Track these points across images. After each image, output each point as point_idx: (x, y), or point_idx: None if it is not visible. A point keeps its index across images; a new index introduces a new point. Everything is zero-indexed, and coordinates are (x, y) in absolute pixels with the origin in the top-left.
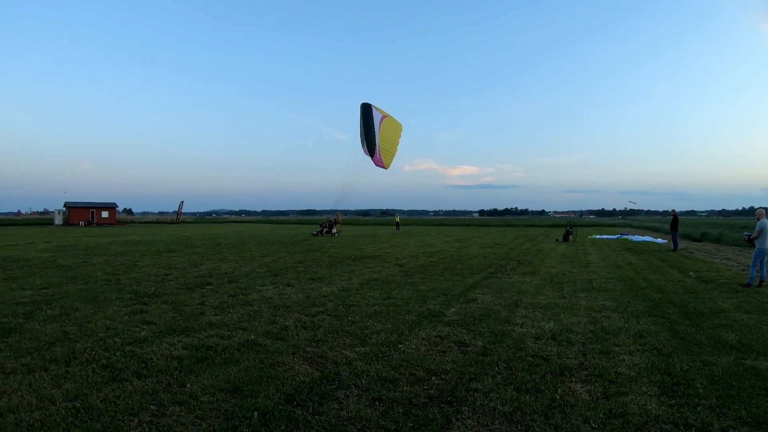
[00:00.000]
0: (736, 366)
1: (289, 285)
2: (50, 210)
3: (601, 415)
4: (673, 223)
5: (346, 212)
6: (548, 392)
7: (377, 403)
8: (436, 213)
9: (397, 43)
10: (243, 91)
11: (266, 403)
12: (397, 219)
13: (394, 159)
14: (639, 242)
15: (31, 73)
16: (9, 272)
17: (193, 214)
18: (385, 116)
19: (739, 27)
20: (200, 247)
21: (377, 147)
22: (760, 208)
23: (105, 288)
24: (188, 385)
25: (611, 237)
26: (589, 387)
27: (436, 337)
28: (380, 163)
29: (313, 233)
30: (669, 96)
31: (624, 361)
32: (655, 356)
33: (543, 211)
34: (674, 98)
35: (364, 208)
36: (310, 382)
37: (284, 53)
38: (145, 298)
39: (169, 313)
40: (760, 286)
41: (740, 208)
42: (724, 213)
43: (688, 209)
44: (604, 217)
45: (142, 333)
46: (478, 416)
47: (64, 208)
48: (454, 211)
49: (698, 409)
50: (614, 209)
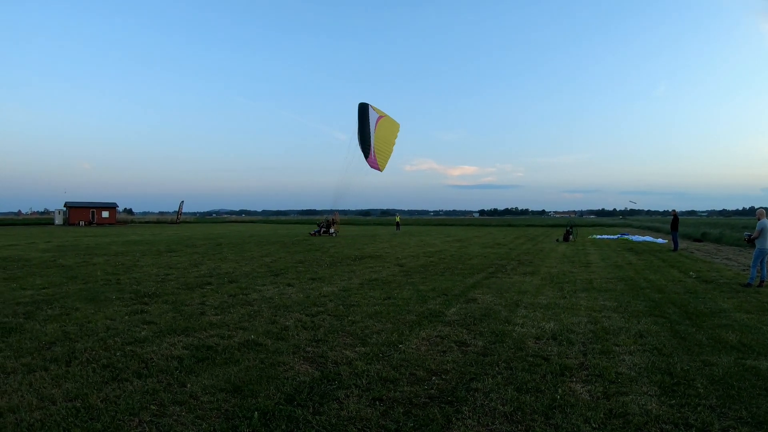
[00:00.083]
0: (737, 366)
1: (289, 285)
2: (50, 210)
3: (602, 415)
4: (673, 223)
5: (347, 212)
6: (549, 392)
7: (378, 403)
8: (437, 213)
9: (398, 43)
10: (243, 91)
11: (267, 402)
12: (398, 219)
13: (393, 159)
14: (639, 242)
15: (32, 73)
16: (9, 272)
17: (194, 214)
18: (381, 116)
19: (739, 27)
20: (201, 247)
21: (372, 148)
22: (761, 208)
23: (105, 288)
24: (188, 385)
25: (611, 237)
26: (590, 387)
27: (436, 337)
28: (375, 165)
29: (310, 233)
30: (669, 96)
31: (624, 361)
32: (655, 356)
33: (543, 211)
34: (674, 98)
35: (364, 208)
36: (311, 381)
37: (285, 53)
38: (146, 298)
39: (170, 313)
40: (760, 286)
41: (740, 208)
42: (724, 213)
43: (689, 209)
44: (605, 217)
45: (143, 333)
46: (479, 416)
47: (65, 208)
48: (454, 211)
49: (699, 409)
50: (614, 209)
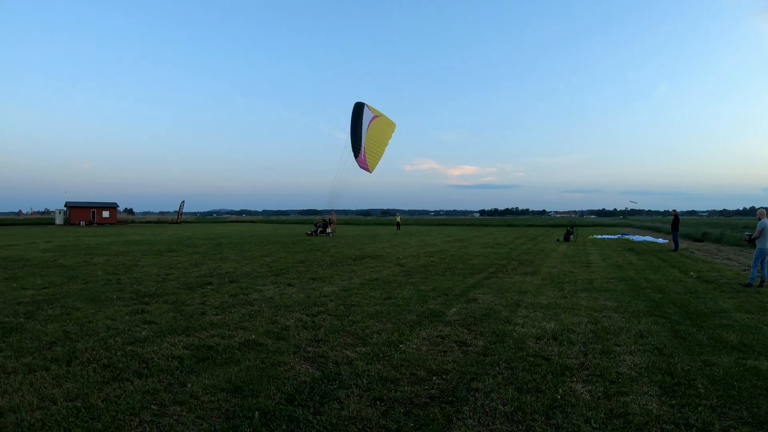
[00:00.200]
0: (737, 366)
1: (290, 285)
2: (51, 210)
3: (602, 415)
4: (674, 223)
5: (347, 212)
6: (549, 392)
7: (378, 403)
8: (437, 213)
9: (398, 43)
10: (244, 91)
11: (267, 402)
12: (398, 219)
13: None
14: (640, 242)
15: (32, 72)
16: (10, 272)
17: (194, 213)
18: (377, 116)
19: (739, 27)
20: (201, 247)
21: (362, 148)
22: (761, 208)
23: (106, 288)
24: (189, 385)
25: (612, 237)
26: (590, 387)
27: (437, 336)
28: (364, 165)
29: (306, 233)
30: (669, 96)
31: (625, 361)
32: (656, 356)
33: (544, 211)
34: (675, 98)
35: (364, 208)
36: (311, 381)
37: (285, 53)
38: (146, 298)
39: (170, 313)
40: (761, 286)
41: (741, 208)
42: (725, 213)
43: (689, 209)
44: (605, 217)
45: (143, 333)
46: (479, 416)
47: (65, 208)
48: (454, 210)
49: (699, 409)
50: (615, 209)
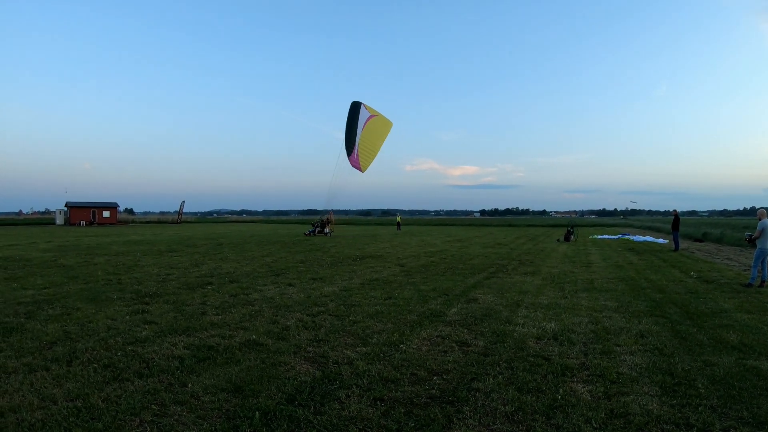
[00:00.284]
0: (738, 366)
1: (290, 285)
2: (51, 210)
3: (603, 415)
4: (674, 223)
5: (348, 212)
6: (550, 392)
7: (379, 403)
8: (437, 213)
9: (398, 43)
10: (245, 91)
11: (268, 402)
12: (399, 219)
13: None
14: (640, 242)
15: (33, 72)
16: (10, 272)
17: (195, 213)
18: (373, 115)
19: (740, 27)
20: (201, 247)
21: (356, 147)
22: (762, 208)
23: (106, 288)
24: (190, 385)
25: (612, 237)
26: (591, 387)
27: (437, 337)
28: (356, 164)
29: (305, 233)
30: (670, 96)
31: (625, 361)
32: (656, 356)
33: (544, 211)
34: (675, 98)
35: (365, 208)
36: (312, 381)
37: (286, 53)
38: (147, 298)
39: (171, 313)
40: (761, 286)
41: (741, 208)
42: (725, 213)
43: (690, 209)
44: (606, 217)
45: (144, 333)
46: (480, 416)
47: (66, 208)
48: (455, 210)
49: (700, 409)
50: (615, 209)
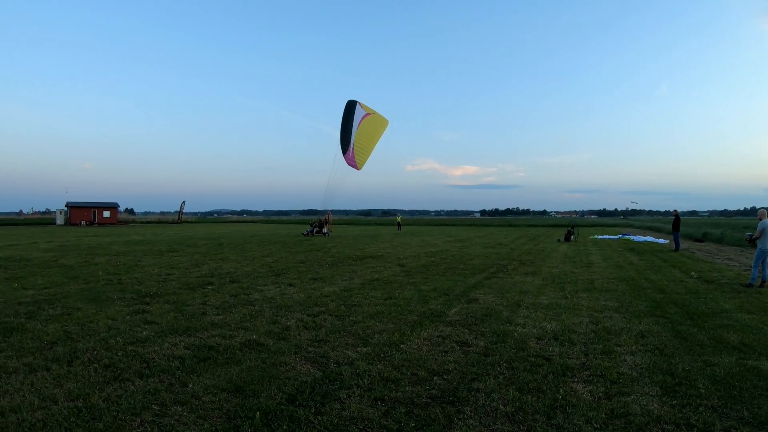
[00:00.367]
0: (738, 366)
1: (290, 285)
2: (52, 210)
3: (603, 416)
4: (674, 223)
5: (348, 212)
6: (550, 392)
7: (379, 403)
8: (438, 213)
9: (399, 43)
10: (245, 91)
11: (268, 403)
12: (399, 219)
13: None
14: (640, 242)
15: (33, 72)
16: (11, 272)
17: (195, 214)
18: (369, 113)
19: (742, 27)
20: (202, 247)
21: (351, 145)
22: (762, 208)
23: (107, 288)
24: (190, 385)
25: (613, 237)
26: (591, 387)
27: (437, 337)
28: (352, 163)
29: (303, 233)
30: (671, 96)
31: (626, 362)
32: (656, 356)
33: (545, 211)
34: (677, 98)
35: (365, 208)
36: (312, 382)
37: (286, 52)
38: (147, 298)
39: (171, 313)
40: (761, 286)
41: (742, 209)
42: (725, 213)
43: (690, 209)
44: (606, 217)
45: (144, 333)
46: (480, 416)
47: (66, 208)
48: (455, 211)
49: (700, 409)
50: (616, 209)
